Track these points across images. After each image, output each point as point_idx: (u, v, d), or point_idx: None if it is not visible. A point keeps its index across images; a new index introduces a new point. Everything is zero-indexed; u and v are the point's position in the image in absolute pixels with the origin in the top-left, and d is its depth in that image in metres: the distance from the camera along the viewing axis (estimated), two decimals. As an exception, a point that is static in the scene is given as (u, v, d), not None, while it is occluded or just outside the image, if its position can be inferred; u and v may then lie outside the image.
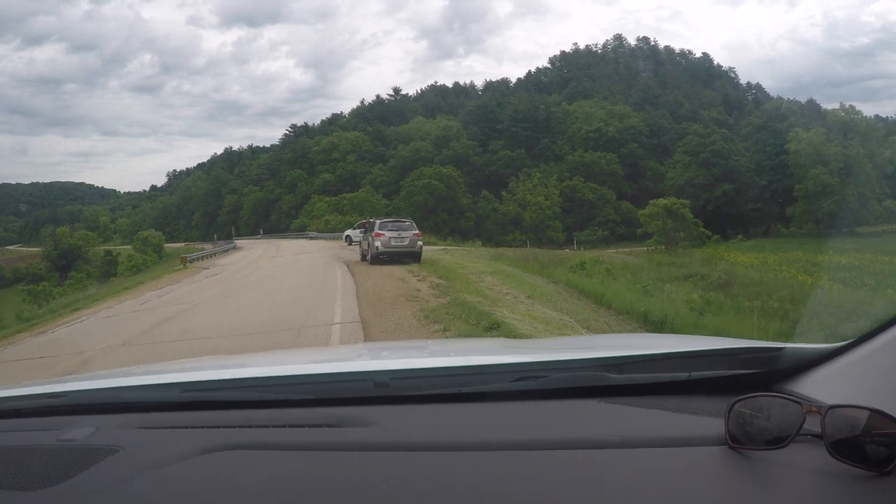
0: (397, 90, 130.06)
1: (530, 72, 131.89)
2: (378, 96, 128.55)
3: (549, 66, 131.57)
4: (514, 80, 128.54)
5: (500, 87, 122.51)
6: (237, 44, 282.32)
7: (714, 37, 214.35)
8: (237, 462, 1.29)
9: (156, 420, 1.58)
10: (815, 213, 64.71)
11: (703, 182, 77.72)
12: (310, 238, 57.97)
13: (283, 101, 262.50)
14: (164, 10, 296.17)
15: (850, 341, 1.30)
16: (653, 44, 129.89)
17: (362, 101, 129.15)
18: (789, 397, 1.15)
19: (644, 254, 45.58)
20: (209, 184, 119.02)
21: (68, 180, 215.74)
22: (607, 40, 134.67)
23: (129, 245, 74.04)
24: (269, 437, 1.41)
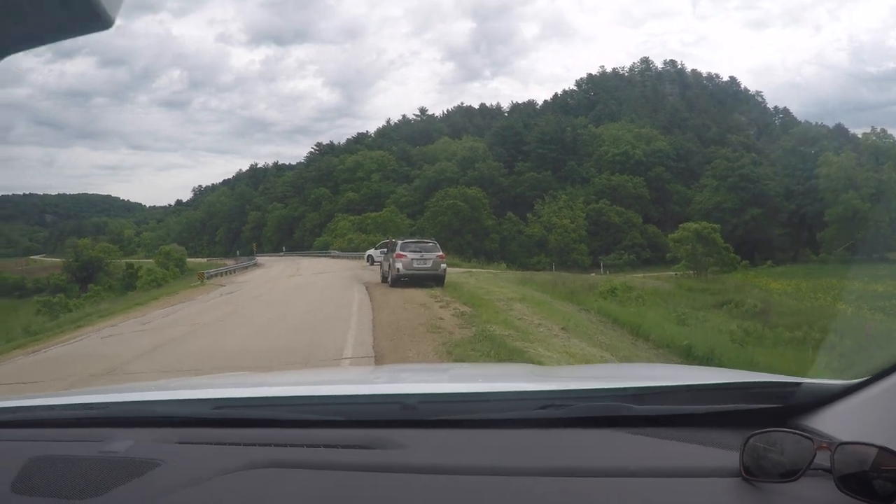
0: (423, 110, 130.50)
1: (557, 94, 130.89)
2: (404, 116, 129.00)
3: (575, 88, 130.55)
4: (540, 102, 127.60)
5: (526, 109, 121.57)
6: (265, 62, 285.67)
7: (740, 61, 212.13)
8: (274, 480, 1.32)
9: (192, 435, 1.61)
10: (845, 239, 63.06)
11: (731, 206, 76.66)
12: (332, 257, 57.25)
13: (310, 119, 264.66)
14: (194, 27, 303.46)
15: (867, 378, 1.35)
16: (679, 67, 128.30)
17: (388, 121, 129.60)
18: (801, 433, 1.19)
19: (673, 279, 44.24)
20: (233, 200, 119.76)
21: (95, 192, 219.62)
22: (634, 63, 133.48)
23: (151, 259, 73.80)
24: (304, 457, 1.44)
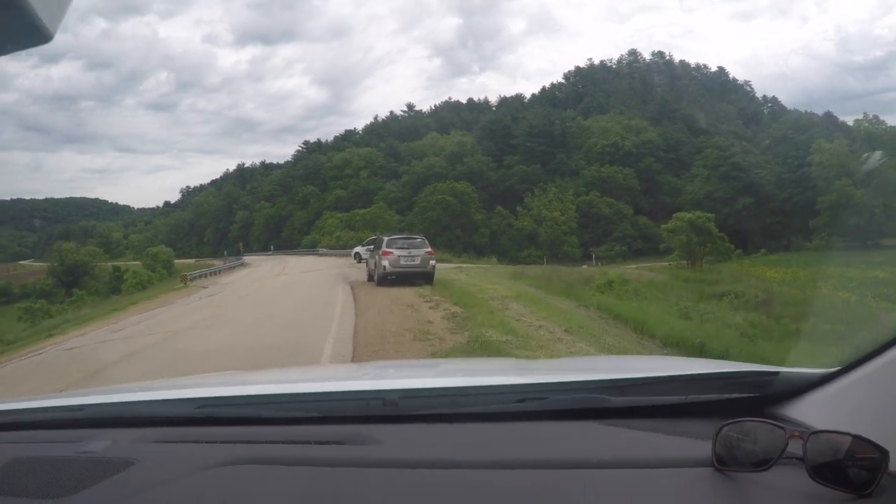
0: (411, 106, 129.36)
1: (545, 87, 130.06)
2: (392, 112, 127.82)
3: (563, 81, 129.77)
4: (528, 96, 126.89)
5: (514, 103, 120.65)
6: (252, 62, 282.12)
7: (727, 52, 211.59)
8: (248, 476, 1.33)
9: (171, 434, 1.62)
10: (839, 226, 62.65)
11: (723, 196, 76.20)
12: (319, 255, 56.26)
13: (297, 118, 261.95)
14: (181, 28, 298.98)
15: (842, 367, 1.34)
16: (668, 58, 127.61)
17: (376, 118, 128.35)
18: (774, 423, 1.19)
19: (667, 269, 43.42)
20: (221, 200, 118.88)
21: (83, 196, 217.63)
22: (622, 55, 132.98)
23: (139, 261, 72.56)
24: (281, 453, 1.45)
